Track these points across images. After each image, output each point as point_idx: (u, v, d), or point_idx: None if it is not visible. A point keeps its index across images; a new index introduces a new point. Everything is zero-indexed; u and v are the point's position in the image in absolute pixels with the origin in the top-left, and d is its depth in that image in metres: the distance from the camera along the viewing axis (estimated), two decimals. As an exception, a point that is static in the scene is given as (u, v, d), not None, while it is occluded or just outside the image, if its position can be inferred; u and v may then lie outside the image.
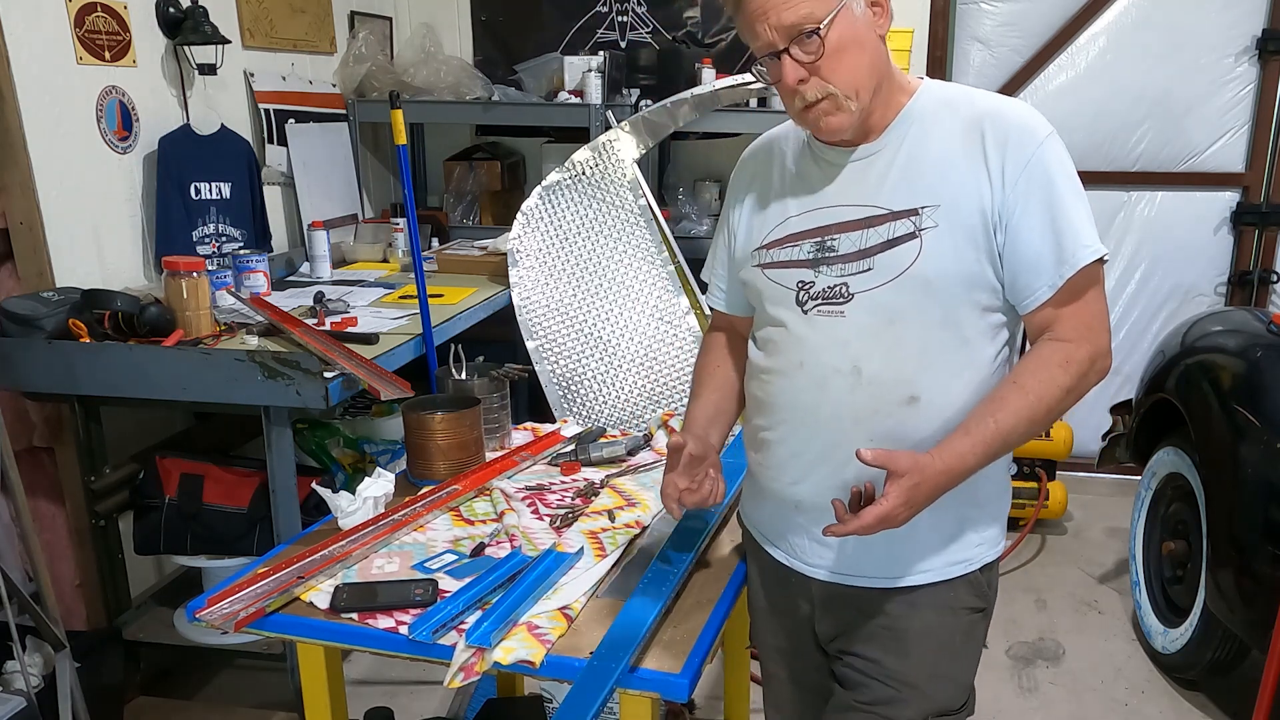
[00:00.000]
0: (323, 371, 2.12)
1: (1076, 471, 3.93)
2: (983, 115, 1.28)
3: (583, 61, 3.60)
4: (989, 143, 1.26)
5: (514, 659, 1.27)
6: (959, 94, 1.33)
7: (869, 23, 1.26)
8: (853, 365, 1.29)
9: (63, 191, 2.44)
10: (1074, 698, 2.69)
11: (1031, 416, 1.25)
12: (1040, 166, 1.26)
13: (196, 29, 2.76)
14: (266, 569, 1.47)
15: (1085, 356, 1.26)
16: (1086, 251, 1.24)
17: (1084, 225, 1.26)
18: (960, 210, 1.25)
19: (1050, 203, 1.25)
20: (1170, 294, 3.88)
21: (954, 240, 1.25)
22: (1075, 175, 1.28)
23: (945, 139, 1.28)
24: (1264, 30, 3.57)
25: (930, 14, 3.69)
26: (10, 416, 2.25)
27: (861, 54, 1.25)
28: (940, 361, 1.28)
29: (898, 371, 1.28)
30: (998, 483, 1.40)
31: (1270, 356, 2.46)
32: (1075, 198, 1.27)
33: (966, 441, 1.23)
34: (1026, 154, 1.25)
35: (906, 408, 1.28)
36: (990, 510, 1.39)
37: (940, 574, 1.36)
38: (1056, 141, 1.28)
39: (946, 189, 1.26)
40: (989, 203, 1.25)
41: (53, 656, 2.06)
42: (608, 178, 3.10)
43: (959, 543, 1.36)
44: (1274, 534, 2.25)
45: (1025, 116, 1.29)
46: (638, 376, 3.02)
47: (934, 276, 1.26)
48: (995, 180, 1.25)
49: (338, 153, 3.62)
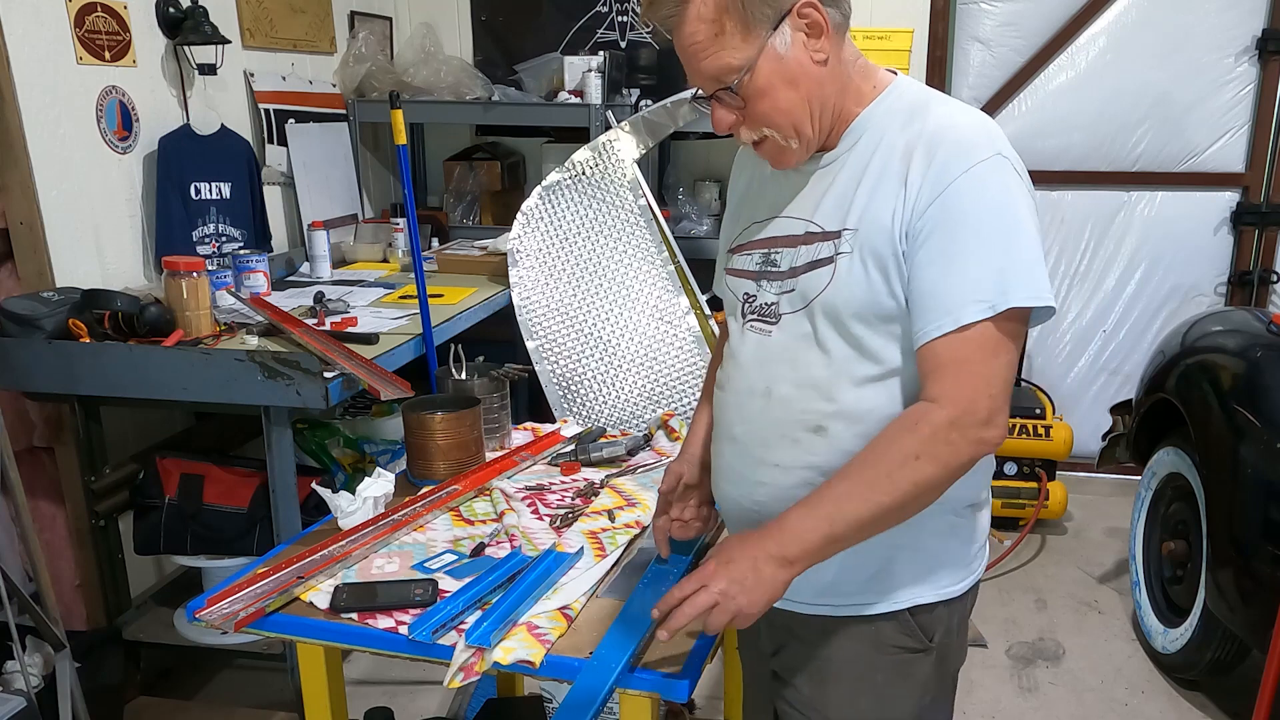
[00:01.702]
0: (323, 371, 2.12)
1: (1076, 471, 3.93)
2: (923, 131, 1.15)
3: (583, 61, 3.60)
4: (915, 163, 1.13)
5: (514, 659, 1.27)
6: (920, 102, 1.20)
7: (801, 54, 1.15)
8: (766, 387, 1.25)
9: (63, 191, 2.44)
10: (1074, 698, 2.69)
11: (870, 483, 1.11)
12: (954, 197, 1.11)
13: (196, 29, 2.76)
14: (266, 569, 1.47)
15: (943, 420, 1.10)
16: (973, 308, 1.09)
17: (995, 272, 1.09)
18: (874, 237, 1.15)
19: (951, 240, 1.11)
20: (1170, 294, 3.88)
21: (866, 268, 1.15)
22: (1012, 207, 1.12)
23: (887, 155, 1.17)
24: (1264, 30, 3.58)
25: (930, 14, 3.69)
26: (10, 416, 2.25)
27: (793, 91, 1.16)
28: (851, 394, 1.19)
29: (806, 399, 1.21)
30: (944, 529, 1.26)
31: (1270, 356, 2.46)
32: (987, 239, 1.10)
33: (799, 510, 1.14)
34: (945, 181, 1.11)
35: (814, 436, 1.21)
36: (929, 553, 1.26)
37: (859, 609, 1.27)
38: (996, 166, 1.12)
39: (867, 212, 1.16)
40: (899, 231, 1.13)
41: (53, 656, 2.06)
42: (608, 178, 3.10)
43: (884, 580, 1.25)
44: (1274, 534, 2.25)
45: (964, 137, 1.14)
46: (638, 376, 3.02)
47: (842, 305, 1.17)
48: (909, 206, 1.13)
49: (338, 153, 3.62)
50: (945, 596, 1.28)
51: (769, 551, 1.13)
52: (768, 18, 1.13)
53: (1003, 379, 1.12)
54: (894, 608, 1.26)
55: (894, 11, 3.63)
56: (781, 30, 1.14)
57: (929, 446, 1.10)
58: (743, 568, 1.14)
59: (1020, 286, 1.10)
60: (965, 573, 1.31)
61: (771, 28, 1.14)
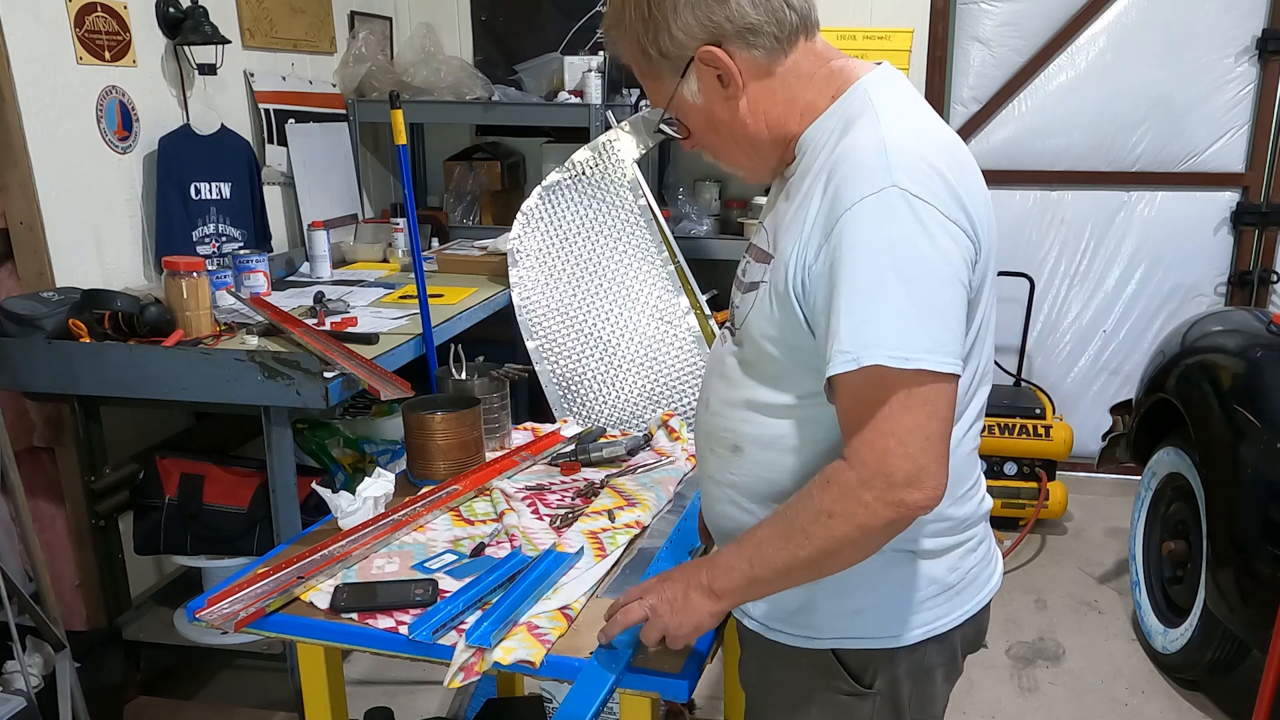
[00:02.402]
0: (323, 371, 2.12)
1: (1076, 471, 3.93)
2: (836, 156, 1.06)
3: (583, 61, 3.60)
4: (816, 196, 1.05)
5: (514, 659, 1.27)
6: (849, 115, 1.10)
7: (714, 99, 1.12)
8: (706, 398, 1.26)
9: (63, 191, 2.44)
10: (1074, 698, 2.69)
11: (786, 533, 1.07)
12: (837, 239, 1.01)
13: (196, 29, 2.76)
14: (266, 569, 1.47)
15: (852, 480, 1.02)
16: (840, 359, 0.99)
17: (859, 323, 0.99)
18: (778, 270, 1.09)
19: (833, 286, 1.01)
20: (1170, 294, 3.88)
21: (770, 301, 1.11)
22: (898, 249, 0.99)
23: (808, 181, 1.10)
24: (1264, 30, 3.58)
25: (930, 14, 3.69)
26: (10, 416, 2.25)
27: (715, 134, 1.16)
28: (763, 420, 1.16)
29: (728, 417, 1.20)
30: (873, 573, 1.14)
31: (1270, 356, 2.46)
32: (866, 283, 0.99)
33: (730, 548, 1.14)
34: (832, 219, 1.02)
35: (731, 454, 1.20)
36: (858, 596, 1.17)
37: (782, 636, 1.22)
38: (877, 204, 0.99)
39: (780, 244, 1.10)
40: (794, 270, 1.06)
41: (53, 656, 2.06)
42: (608, 178, 3.10)
43: (808, 614, 1.19)
44: (1274, 534, 2.25)
45: (860, 164, 1.02)
46: (638, 376, 3.02)
47: (756, 335, 1.14)
48: (805, 245, 1.05)
49: (338, 153, 3.62)
50: (881, 645, 1.19)
51: (701, 581, 1.15)
52: (670, 68, 1.13)
53: (921, 437, 1.00)
54: (812, 645, 1.21)
55: (894, 11, 3.63)
56: (688, 79, 1.12)
57: (840, 505, 1.03)
58: (675, 590, 1.17)
59: (881, 343, 0.98)
60: (913, 623, 1.19)
61: (678, 76, 1.13)
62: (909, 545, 1.17)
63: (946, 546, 1.21)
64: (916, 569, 1.19)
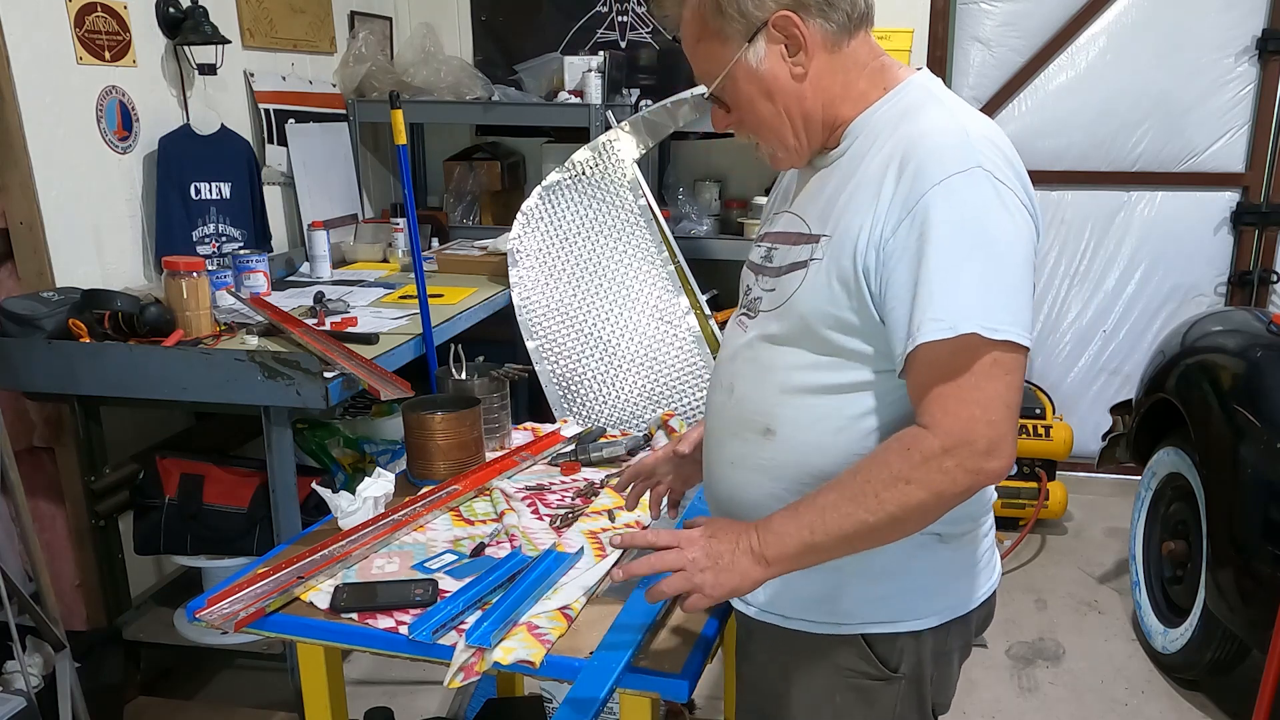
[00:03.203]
0: (323, 371, 2.12)
1: (1076, 471, 3.93)
2: (905, 138, 1.10)
3: (583, 61, 3.60)
4: (889, 176, 1.09)
5: (514, 659, 1.27)
6: (917, 104, 1.16)
7: (778, 68, 1.14)
8: (730, 382, 1.25)
9: (63, 191, 2.44)
10: (1074, 698, 2.69)
11: (855, 497, 1.07)
12: (923, 212, 1.05)
13: (196, 29, 2.76)
14: (266, 569, 1.47)
15: (935, 448, 1.04)
16: (933, 327, 1.02)
17: (950, 293, 1.03)
18: (843, 248, 1.11)
19: (920, 257, 1.04)
20: (1170, 294, 3.88)
21: (829, 279, 1.12)
22: (986, 226, 1.05)
23: (870, 164, 1.13)
24: (1264, 30, 3.57)
25: (930, 14, 3.69)
26: (10, 416, 2.25)
27: (770, 104, 1.16)
28: (801, 401, 1.17)
29: (760, 400, 1.20)
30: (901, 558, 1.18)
31: (1270, 356, 2.46)
32: (956, 256, 1.04)
33: (784, 513, 1.12)
34: (917, 193, 1.05)
35: (762, 438, 1.20)
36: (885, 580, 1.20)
37: (809, 625, 1.23)
38: (972, 180, 1.05)
39: (841, 222, 1.12)
40: (864, 245, 1.09)
41: (53, 656, 2.06)
42: (608, 178, 3.10)
43: (832, 599, 1.21)
44: (1274, 534, 2.25)
45: (940, 145, 1.07)
46: (638, 376, 3.02)
47: (805, 313, 1.15)
48: (880, 221, 1.08)
49: (338, 153, 3.62)
50: (909, 629, 1.21)
51: (751, 544, 1.12)
52: (739, 32, 1.13)
53: (1003, 405, 1.04)
54: (841, 632, 1.22)
55: (894, 11, 3.63)
56: (755, 44, 1.13)
57: (920, 473, 1.05)
58: (721, 547, 1.13)
59: (975, 313, 1.03)
60: (938, 607, 1.23)
61: (745, 40, 1.14)
62: (936, 528, 1.18)
63: (967, 530, 1.24)
64: (941, 552, 1.22)
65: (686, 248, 3.22)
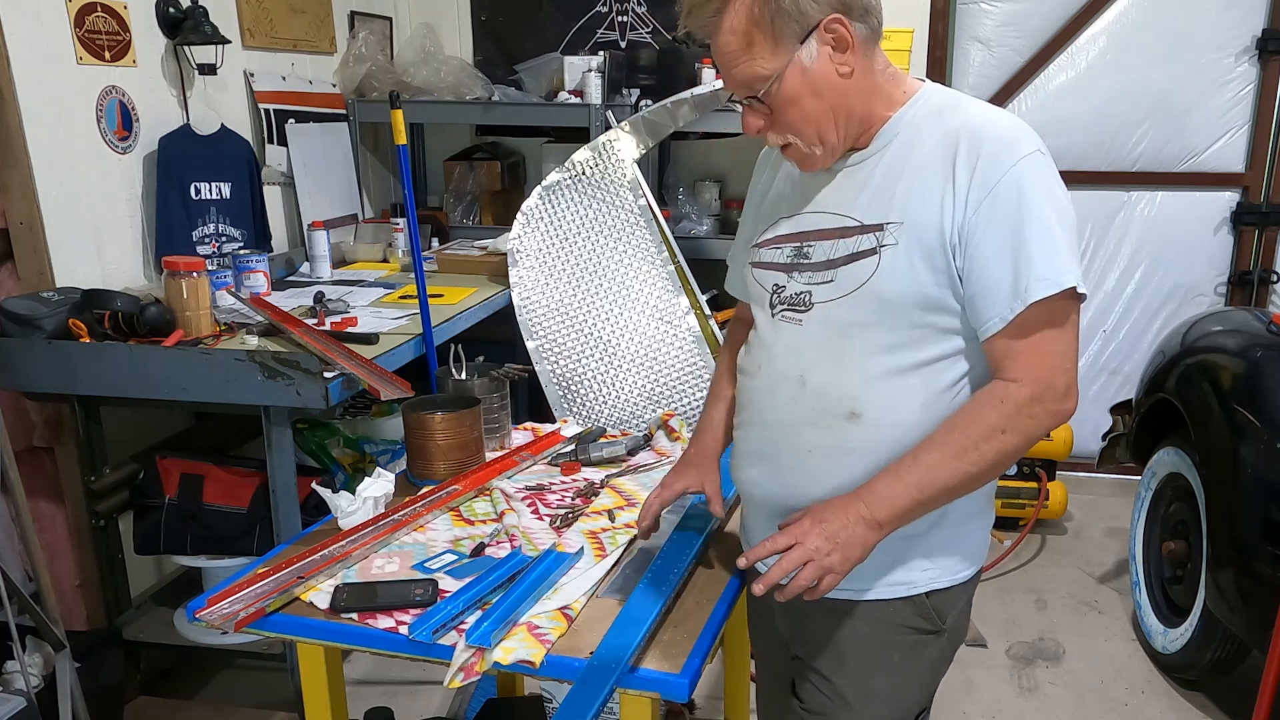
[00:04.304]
0: (323, 371, 2.12)
1: (1076, 471, 3.93)
2: (962, 128, 1.22)
3: (583, 61, 3.60)
4: (960, 159, 1.20)
5: (514, 659, 1.27)
6: (951, 103, 1.28)
7: (827, 66, 1.22)
8: (800, 374, 1.30)
9: (63, 191, 2.44)
10: (1074, 698, 2.69)
11: (958, 452, 1.19)
12: (1009, 188, 1.18)
13: (196, 29, 2.76)
14: (266, 569, 1.47)
15: (1025, 397, 1.19)
16: (1042, 285, 1.17)
17: (1048, 255, 1.17)
18: (921, 229, 1.21)
19: (1014, 228, 1.18)
20: (1170, 294, 3.88)
21: (911, 260, 1.21)
22: (1057, 199, 1.20)
23: (925, 152, 1.24)
24: (1264, 30, 3.57)
25: (930, 14, 3.69)
26: (10, 416, 2.25)
27: (818, 102, 1.23)
28: (888, 382, 1.25)
29: (841, 386, 1.27)
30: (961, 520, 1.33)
31: (1270, 356, 2.46)
32: (1045, 224, 1.18)
33: (887, 477, 1.22)
34: (996, 174, 1.18)
35: (846, 423, 1.27)
36: (945, 538, 1.33)
37: (879, 592, 1.34)
38: (1037, 161, 1.20)
39: (912, 206, 1.22)
40: (949, 224, 1.20)
41: (53, 656, 2.06)
42: (608, 178, 3.10)
43: (902, 565, 1.32)
44: (1274, 534, 2.25)
45: (1006, 132, 1.22)
46: (638, 376, 3.02)
47: (889, 295, 1.23)
48: (959, 200, 1.19)
49: (338, 153, 3.62)
50: (959, 580, 1.36)
51: (860, 514, 1.20)
52: (795, 33, 1.20)
53: (1073, 354, 1.21)
54: (911, 592, 1.33)
55: (894, 11, 3.60)
56: (808, 44, 1.20)
57: (1014, 421, 1.19)
58: (836, 526, 1.21)
59: (1070, 269, 1.17)
60: (976, 558, 1.39)
61: (799, 41, 1.20)
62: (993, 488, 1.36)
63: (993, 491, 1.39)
64: (985, 511, 1.38)
65: (686, 248, 3.22)
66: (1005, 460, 1.21)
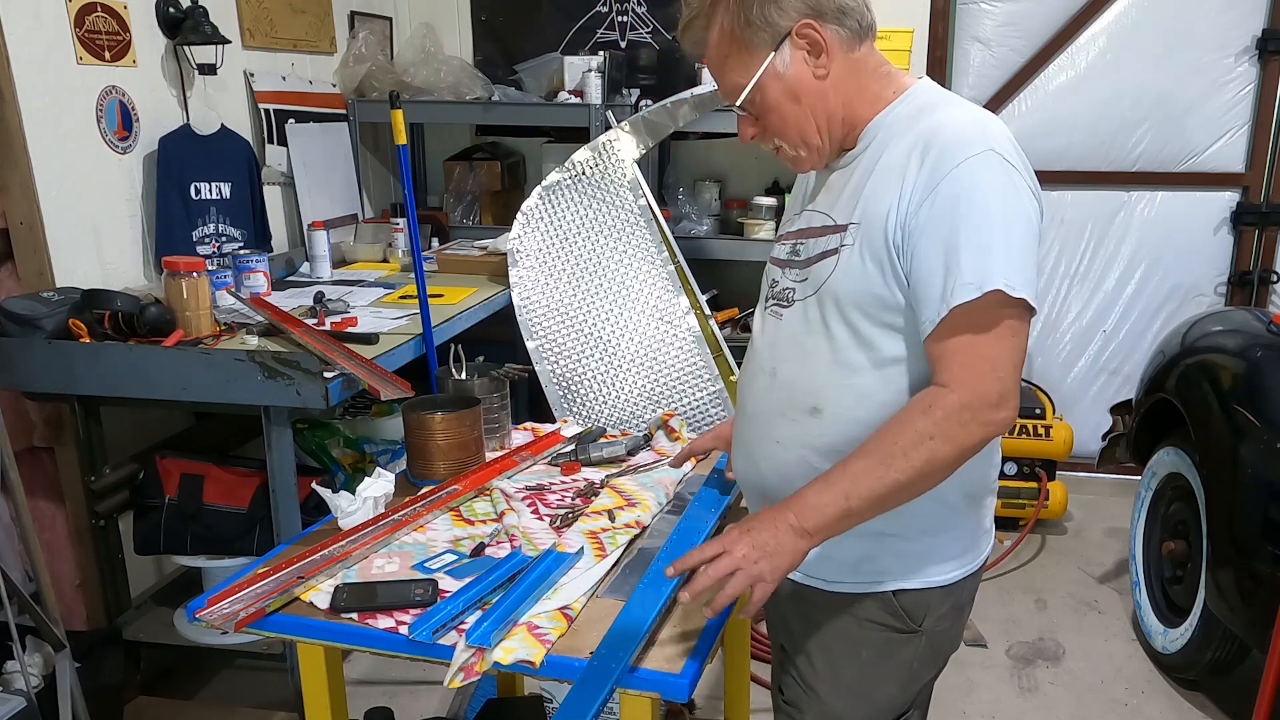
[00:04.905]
0: (323, 371, 2.12)
1: (1076, 471, 3.93)
2: (926, 129, 1.22)
3: (583, 61, 3.60)
4: (913, 160, 1.20)
5: (514, 659, 1.27)
6: (926, 104, 1.27)
7: (803, 71, 1.24)
8: (773, 366, 1.34)
9: (63, 191, 2.44)
10: (1074, 698, 2.69)
11: (884, 460, 1.16)
12: (949, 188, 1.16)
13: (196, 29, 2.76)
14: (266, 569, 1.47)
15: (955, 404, 1.15)
16: (966, 289, 1.13)
17: (978, 257, 1.14)
18: (872, 229, 1.22)
19: (950, 228, 1.16)
20: (1170, 294, 3.88)
21: (864, 260, 1.22)
22: (1008, 200, 1.16)
23: (895, 153, 1.23)
24: (1264, 30, 3.57)
25: (930, 14, 3.69)
26: (10, 416, 2.25)
27: (797, 106, 1.26)
28: (846, 379, 1.26)
29: (806, 381, 1.30)
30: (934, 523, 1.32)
31: (1270, 356, 2.46)
32: (982, 225, 1.15)
33: (816, 485, 1.20)
34: (941, 173, 1.17)
35: (809, 417, 1.29)
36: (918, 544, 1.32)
37: (844, 585, 1.35)
38: (988, 160, 1.17)
39: (870, 206, 1.23)
40: (893, 223, 1.20)
41: (53, 656, 2.06)
42: (608, 178, 3.10)
43: (870, 561, 1.33)
44: (1274, 534, 2.25)
45: (963, 132, 1.19)
46: (638, 376, 3.02)
47: (842, 294, 1.25)
48: (905, 200, 1.19)
49: (338, 153, 3.63)
50: (934, 584, 1.34)
51: (789, 523, 1.20)
52: (766, 41, 1.24)
53: (1010, 362, 1.17)
54: (876, 589, 1.34)
55: (894, 11, 3.63)
56: (781, 51, 1.24)
57: (943, 428, 1.15)
58: (763, 536, 1.20)
59: (1001, 273, 1.14)
60: (959, 563, 1.36)
61: (772, 49, 1.24)
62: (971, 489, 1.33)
63: (990, 492, 1.39)
64: (970, 513, 1.36)
65: (686, 248, 3.22)
66: (937, 469, 1.17)
